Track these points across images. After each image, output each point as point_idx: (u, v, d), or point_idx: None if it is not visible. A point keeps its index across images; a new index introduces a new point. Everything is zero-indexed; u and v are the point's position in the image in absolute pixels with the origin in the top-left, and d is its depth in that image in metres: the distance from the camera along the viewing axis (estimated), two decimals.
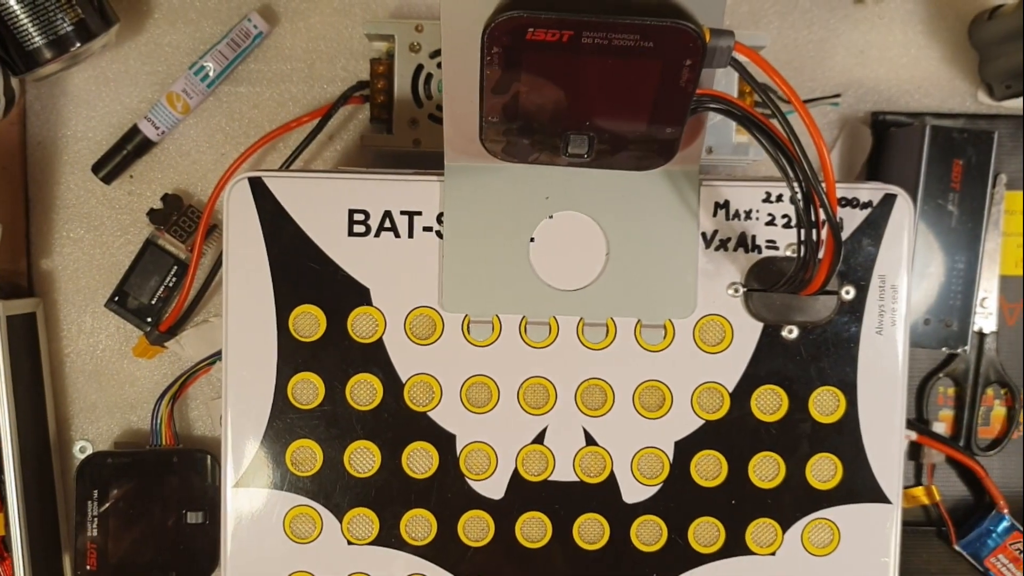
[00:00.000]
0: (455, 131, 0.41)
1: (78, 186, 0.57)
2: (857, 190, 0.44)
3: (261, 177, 0.44)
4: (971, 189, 0.53)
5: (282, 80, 0.56)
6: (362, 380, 0.44)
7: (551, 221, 0.44)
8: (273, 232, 0.44)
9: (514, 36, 0.33)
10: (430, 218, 0.44)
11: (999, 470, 0.57)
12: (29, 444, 0.53)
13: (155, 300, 0.56)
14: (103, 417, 0.57)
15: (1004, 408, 0.57)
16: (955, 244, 0.54)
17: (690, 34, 0.32)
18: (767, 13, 0.57)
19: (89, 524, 0.53)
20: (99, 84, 0.56)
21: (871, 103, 0.57)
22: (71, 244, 0.57)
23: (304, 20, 0.56)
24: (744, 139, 0.52)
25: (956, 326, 0.54)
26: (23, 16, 0.49)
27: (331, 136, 0.57)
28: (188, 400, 0.57)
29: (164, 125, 0.55)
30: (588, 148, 0.38)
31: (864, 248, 0.44)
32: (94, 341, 0.57)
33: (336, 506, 0.44)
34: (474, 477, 0.44)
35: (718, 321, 0.44)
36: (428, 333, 0.44)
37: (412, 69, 0.52)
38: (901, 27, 0.57)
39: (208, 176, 0.57)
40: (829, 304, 0.44)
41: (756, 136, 0.38)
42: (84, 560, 0.53)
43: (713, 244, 0.44)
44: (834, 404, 0.44)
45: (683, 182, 0.43)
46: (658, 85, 0.35)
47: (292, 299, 0.44)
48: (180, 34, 0.56)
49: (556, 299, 0.44)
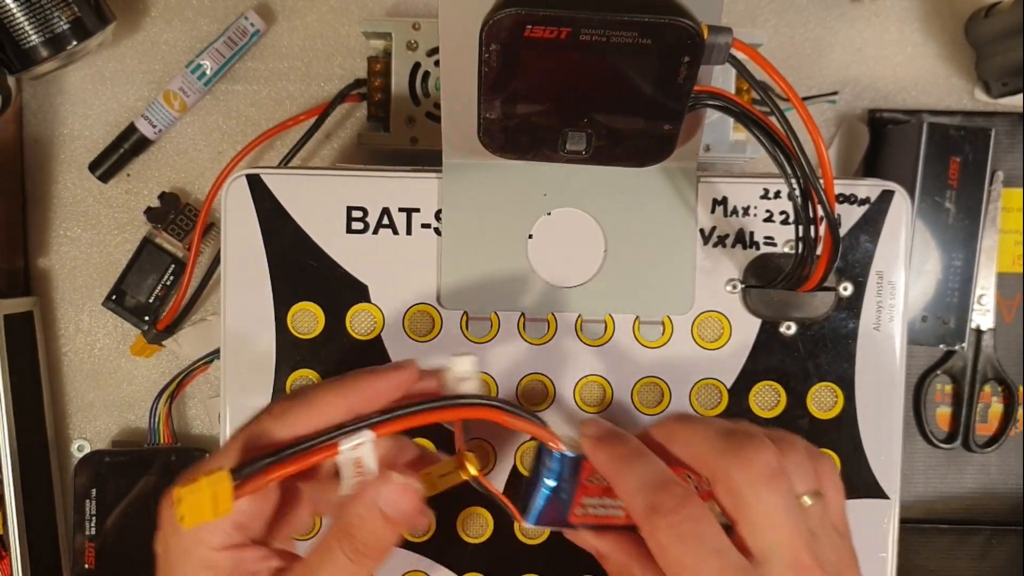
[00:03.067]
0: (453, 128, 0.41)
1: (75, 185, 0.57)
2: (855, 186, 0.44)
3: (259, 174, 0.44)
4: (968, 186, 0.53)
5: (279, 78, 0.56)
6: None
7: (549, 218, 0.44)
8: (271, 229, 0.44)
9: (512, 33, 0.33)
10: (428, 215, 0.44)
11: (997, 467, 0.57)
12: (27, 443, 0.53)
13: (153, 299, 0.56)
14: (101, 416, 0.57)
15: (1001, 405, 0.57)
16: (952, 241, 0.54)
17: (688, 31, 0.32)
18: (764, 11, 0.57)
19: (87, 523, 0.53)
20: (96, 82, 0.56)
21: (868, 100, 0.57)
22: (68, 243, 0.57)
23: (301, 18, 0.56)
24: (742, 136, 0.52)
25: (953, 323, 0.54)
26: (19, 14, 0.49)
27: (328, 134, 0.57)
28: (186, 399, 0.57)
29: (161, 123, 0.55)
30: (586, 145, 0.38)
31: (862, 244, 0.44)
32: (91, 340, 0.57)
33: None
34: None
35: (716, 317, 0.44)
36: (427, 330, 0.44)
37: (409, 67, 0.52)
38: (898, 24, 0.57)
39: (205, 174, 0.57)
40: (827, 300, 0.44)
41: (754, 133, 0.38)
42: (82, 559, 0.53)
43: (711, 240, 0.44)
44: (832, 400, 0.44)
45: (681, 179, 0.43)
46: (656, 82, 0.35)
47: (290, 296, 0.44)
48: (177, 32, 0.56)
49: (554, 296, 0.44)
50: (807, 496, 0.35)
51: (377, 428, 0.34)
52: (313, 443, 0.33)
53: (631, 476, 0.34)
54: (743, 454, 0.33)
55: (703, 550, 0.32)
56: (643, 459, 0.35)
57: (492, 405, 0.35)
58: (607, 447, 0.35)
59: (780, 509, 0.33)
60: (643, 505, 0.33)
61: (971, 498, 0.57)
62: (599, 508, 0.36)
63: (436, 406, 0.34)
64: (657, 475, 0.34)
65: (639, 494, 0.33)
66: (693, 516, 0.32)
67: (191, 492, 0.31)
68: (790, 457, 0.35)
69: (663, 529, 0.32)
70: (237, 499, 0.32)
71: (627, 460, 0.34)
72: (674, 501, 0.33)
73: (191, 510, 0.31)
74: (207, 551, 0.34)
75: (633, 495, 0.34)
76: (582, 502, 0.36)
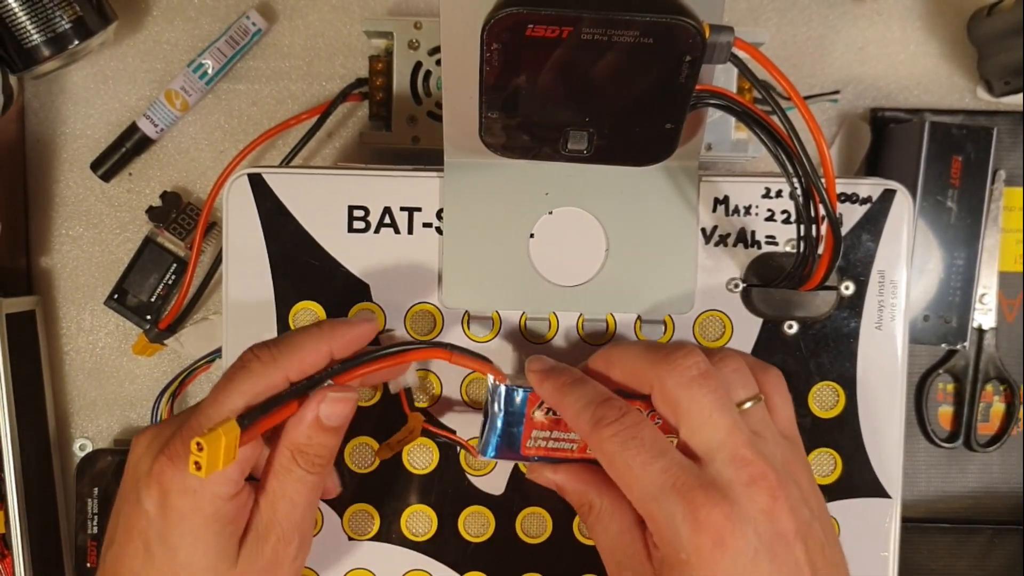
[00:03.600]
0: (454, 127, 0.41)
1: (77, 184, 0.57)
2: (856, 185, 0.44)
3: (261, 173, 0.44)
4: (970, 185, 0.53)
5: (281, 77, 0.56)
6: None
7: (551, 217, 0.44)
8: (273, 229, 0.44)
9: (513, 32, 0.33)
10: (430, 214, 0.44)
11: (999, 466, 0.57)
12: (29, 442, 0.53)
13: (154, 298, 0.56)
14: (103, 415, 0.57)
15: (1003, 404, 0.57)
16: (954, 240, 0.54)
17: (690, 30, 0.32)
18: (766, 10, 0.57)
19: (89, 522, 0.53)
20: (98, 82, 0.56)
21: (870, 99, 0.57)
22: (70, 242, 0.57)
23: (303, 17, 0.56)
24: (743, 135, 0.52)
25: (955, 322, 0.54)
26: (21, 14, 0.49)
27: (330, 134, 0.57)
28: (188, 398, 0.57)
29: (163, 123, 0.55)
30: (588, 144, 0.38)
31: (863, 243, 0.44)
32: (93, 339, 0.57)
33: (336, 502, 0.44)
34: (475, 473, 0.44)
35: (718, 317, 0.44)
36: (428, 329, 0.44)
37: (411, 66, 0.52)
38: (900, 23, 0.57)
39: (207, 173, 0.57)
40: (828, 300, 0.44)
41: (756, 132, 0.38)
42: (84, 558, 0.53)
43: (713, 240, 0.44)
44: (834, 399, 0.44)
45: (682, 178, 0.43)
46: (658, 81, 0.35)
47: (292, 296, 0.44)
48: (179, 31, 0.56)
49: (556, 295, 0.44)
50: (749, 401, 0.37)
51: (347, 374, 0.38)
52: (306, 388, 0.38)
53: (574, 399, 0.37)
54: (672, 359, 0.36)
55: (647, 453, 0.34)
56: (584, 383, 0.37)
57: (441, 347, 0.40)
58: (551, 378, 0.38)
59: (714, 406, 0.35)
60: (588, 421, 0.36)
61: (973, 497, 0.57)
62: (550, 441, 0.40)
63: (394, 351, 0.40)
64: (598, 394, 0.36)
65: (584, 413, 0.36)
66: (634, 423, 0.35)
67: (210, 442, 0.33)
68: (727, 365, 0.37)
69: (608, 439, 0.35)
70: (242, 445, 0.35)
71: (570, 386, 0.37)
72: (616, 412, 0.35)
73: (209, 459, 0.33)
74: (221, 503, 0.36)
75: (578, 416, 0.36)
76: (532, 435, 0.39)
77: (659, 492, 0.33)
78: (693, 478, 0.33)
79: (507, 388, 0.39)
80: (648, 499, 0.34)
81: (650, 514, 0.34)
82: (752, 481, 0.33)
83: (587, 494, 0.38)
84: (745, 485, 0.33)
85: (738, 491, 0.33)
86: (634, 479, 0.34)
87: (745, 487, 0.33)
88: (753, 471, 0.34)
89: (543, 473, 0.40)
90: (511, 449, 0.40)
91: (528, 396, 0.39)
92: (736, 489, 0.33)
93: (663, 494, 0.33)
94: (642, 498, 0.34)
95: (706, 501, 0.33)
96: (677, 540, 0.33)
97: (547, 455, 0.40)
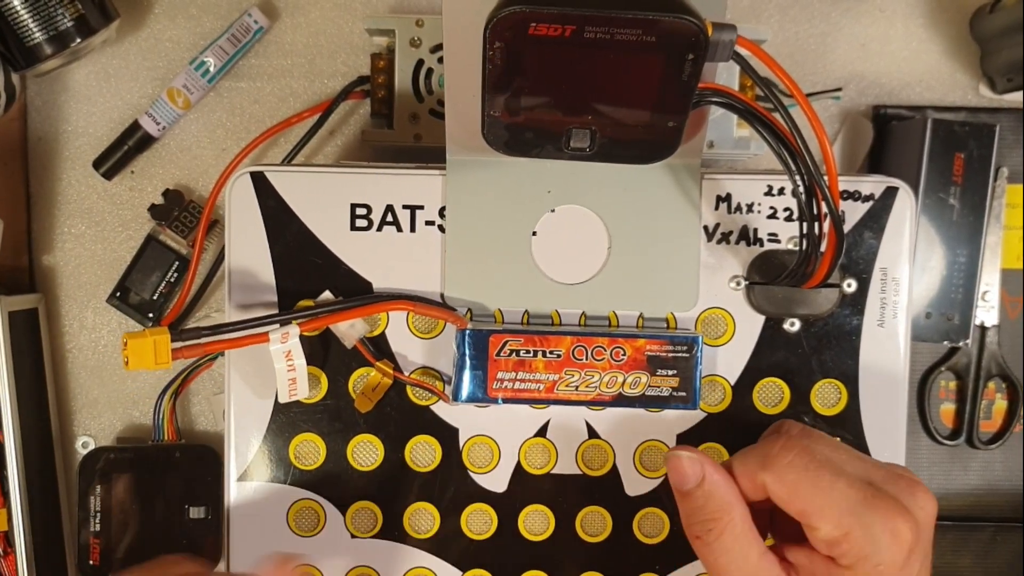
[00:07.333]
0: (457, 125, 0.41)
1: (79, 182, 0.57)
2: (859, 183, 0.44)
3: (263, 171, 0.44)
4: (972, 183, 0.53)
5: (283, 75, 0.56)
6: (365, 374, 0.44)
7: (553, 215, 0.44)
8: (275, 227, 0.44)
9: (516, 31, 0.33)
10: (432, 212, 0.44)
11: (1001, 464, 0.57)
12: (31, 440, 0.53)
13: (157, 296, 0.56)
14: (105, 412, 0.57)
15: (1006, 402, 0.57)
16: (956, 238, 0.54)
17: (692, 28, 0.32)
18: (768, 7, 0.57)
19: (92, 519, 0.53)
20: (100, 80, 0.56)
21: (872, 97, 0.57)
22: (72, 240, 0.57)
23: (304, 15, 0.56)
24: (746, 133, 0.52)
25: (958, 320, 0.54)
26: (23, 12, 0.49)
27: (332, 131, 0.57)
28: (190, 395, 0.57)
29: (165, 121, 0.55)
30: (590, 142, 0.38)
31: (866, 241, 0.44)
32: (96, 337, 0.57)
33: (339, 499, 0.44)
34: (477, 470, 0.44)
35: (720, 314, 0.44)
36: (431, 327, 0.44)
37: (413, 64, 0.52)
38: (902, 21, 0.57)
39: (209, 171, 0.57)
40: (831, 297, 0.44)
41: (758, 129, 0.38)
42: (87, 555, 0.53)
43: (715, 237, 0.44)
44: (836, 397, 0.44)
45: (685, 175, 0.43)
46: (660, 79, 0.35)
47: (294, 294, 0.44)
48: (180, 29, 0.56)
49: (558, 293, 0.44)
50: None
51: (303, 324, 0.40)
52: (247, 327, 0.40)
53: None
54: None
55: (828, 471, 0.36)
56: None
57: (404, 298, 0.42)
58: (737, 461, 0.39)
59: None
60: (758, 456, 0.38)
61: (975, 495, 0.57)
62: (516, 383, 0.42)
63: (356, 304, 0.41)
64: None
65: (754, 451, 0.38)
66: (804, 447, 0.37)
67: (134, 337, 0.38)
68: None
69: (785, 467, 0.36)
70: (175, 359, 0.38)
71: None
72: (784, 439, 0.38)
73: (134, 354, 0.37)
74: None
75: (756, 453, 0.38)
76: (497, 376, 0.41)
77: (855, 506, 0.35)
78: (875, 491, 0.35)
79: (469, 332, 0.42)
80: (846, 513, 0.35)
81: (847, 529, 0.35)
82: (912, 491, 0.36)
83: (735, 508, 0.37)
84: (910, 495, 0.36)
85: (907, 501, 0.36)
86: (825, 498, 0.35)
87: (911, 496, 0.36)
88: (911, 479, 0.36)
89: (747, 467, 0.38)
90: (480, 392, 0.42)
91: (489, 338, 0.41)
92: (905, 499, 0.36)
93: (859, 507, 0.35)
94: (839, 514, 0.35)
95: (897, 513, 0.35)
96: (876, 554, 0.34)
97: (514, 396, 0.42)
